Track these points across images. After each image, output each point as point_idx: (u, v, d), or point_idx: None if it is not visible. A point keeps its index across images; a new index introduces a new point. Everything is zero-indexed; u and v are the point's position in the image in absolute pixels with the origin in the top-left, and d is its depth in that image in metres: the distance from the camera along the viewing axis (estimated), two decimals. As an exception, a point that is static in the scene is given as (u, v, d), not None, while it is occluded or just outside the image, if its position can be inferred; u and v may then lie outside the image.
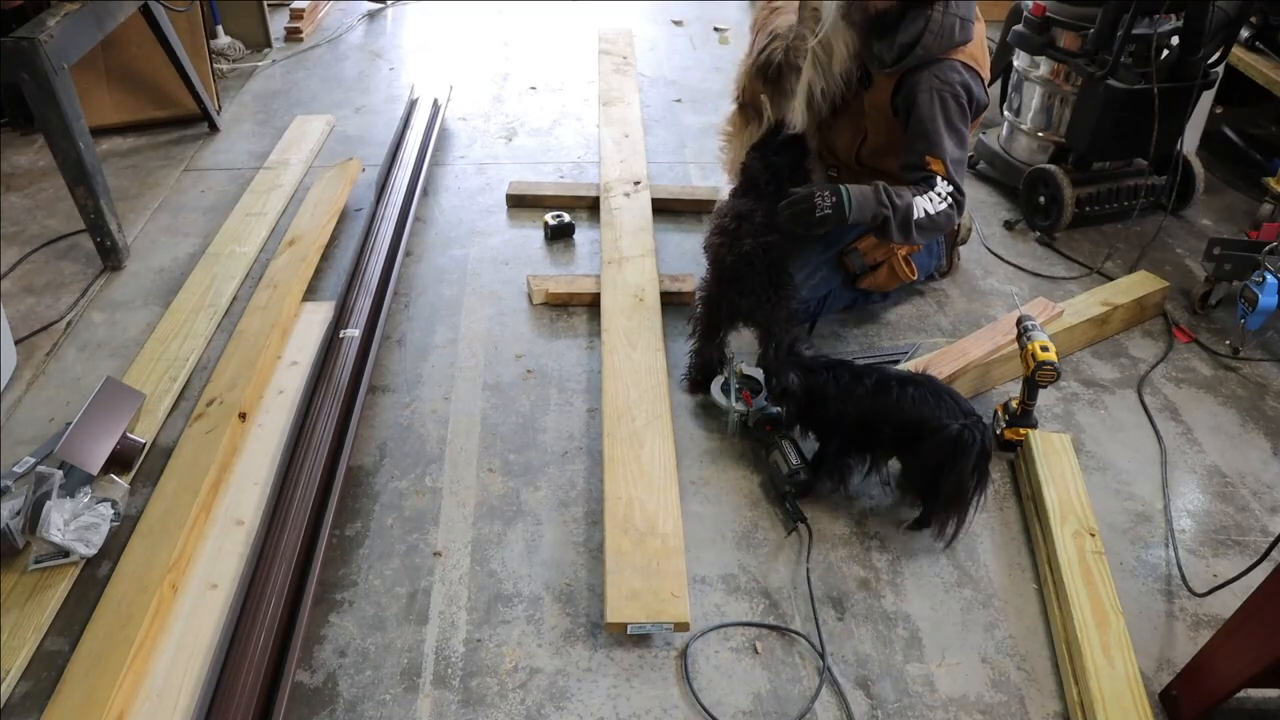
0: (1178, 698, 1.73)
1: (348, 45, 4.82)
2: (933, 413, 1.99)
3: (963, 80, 2.34)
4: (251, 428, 2.30)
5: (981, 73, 2.39)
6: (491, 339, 2.69)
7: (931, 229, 2.35)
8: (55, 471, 1.97)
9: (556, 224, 3.13)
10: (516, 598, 1.95)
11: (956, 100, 2.33)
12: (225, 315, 2.74)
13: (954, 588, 1.99)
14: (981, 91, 2.41)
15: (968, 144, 2.41)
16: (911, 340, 2.70)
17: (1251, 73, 3.46)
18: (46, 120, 2.74)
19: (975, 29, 2.38)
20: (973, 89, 2.37)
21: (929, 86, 2.33)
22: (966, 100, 2.36)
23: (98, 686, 1.66)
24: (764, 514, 2.15)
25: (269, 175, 3.44)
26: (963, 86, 2.34)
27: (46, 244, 3.10)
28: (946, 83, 2.33)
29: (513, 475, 2.25)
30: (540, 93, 4.27)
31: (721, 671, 1.81)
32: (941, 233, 2.48)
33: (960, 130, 2.36)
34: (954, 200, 2.35)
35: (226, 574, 1.93)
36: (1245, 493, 2.24)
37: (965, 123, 2.38)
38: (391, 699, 1.75)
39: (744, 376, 2.40)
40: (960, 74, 2.34)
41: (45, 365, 2.57)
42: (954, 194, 2.35)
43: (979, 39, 2.41)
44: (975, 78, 2.38)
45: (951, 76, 2.33)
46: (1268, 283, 2.54)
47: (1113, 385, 2.56)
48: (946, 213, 2.35)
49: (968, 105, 2.36)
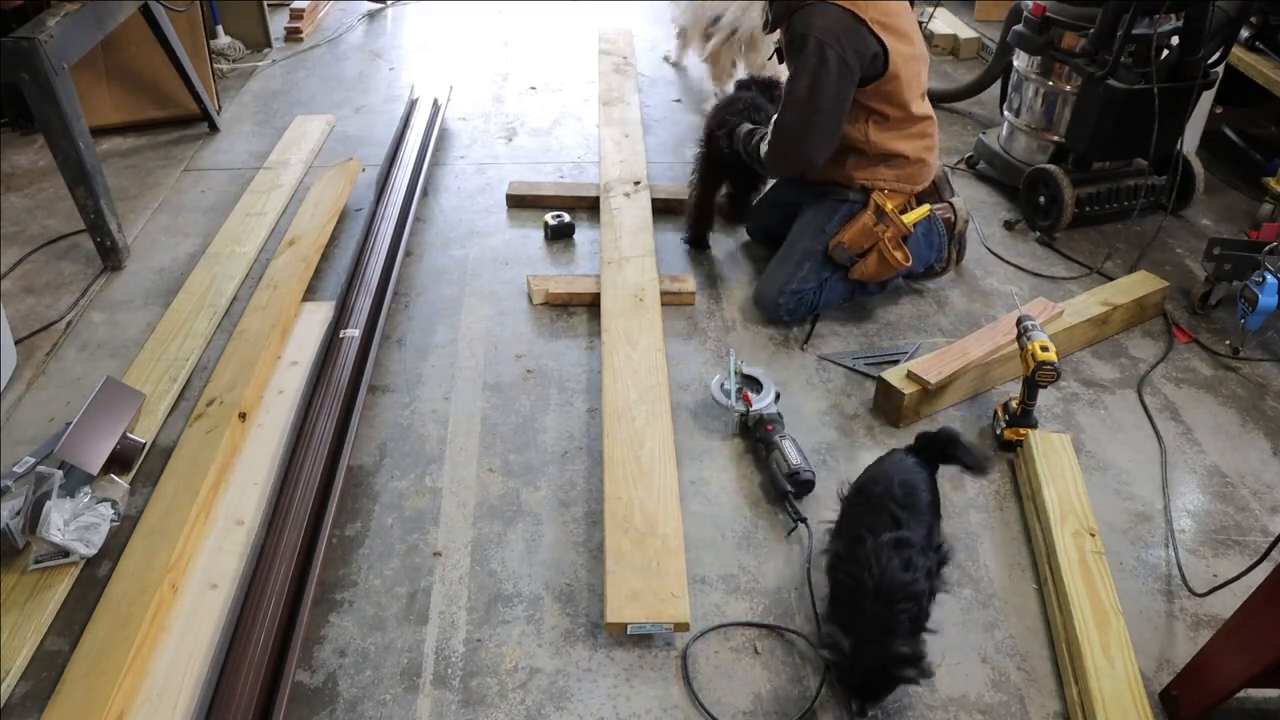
0: (1178, 698, 1.73)
1: (348, 45, 4.82)
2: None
3: (826, 22, 2.38)
4: (251, 428, 2.30)
5: (857, 13, 2.39)
6: (491, 339, 2.69)
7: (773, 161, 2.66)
8: (55, 471, 1.97)
9: (556, 224, 3.13)
10: (516, 598, 1.95)
11: (819, 43, 2.38)
12: (225, 315, 2.74)
13: (954, 588, 1.98)
14: (856, 33, 2.39)
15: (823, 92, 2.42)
16: (911, 340, 2.70)
17: (1251, 73, 3.46)
18: (46, 120, 2.74)
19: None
20: (838, 32, 2.38)
21: (793, 30, 2.45)
22: (833, 44, 2.37)
23: (98, 686, 1.66)
24: (764, 514, 2.15)
25: (269, 175, 3.44)
26: (828, 30, 2.38)
27: (46, 244, 3.10)
28: (809, 26, 2.40)
29: (513, 475, 2.25)
30: (540, 93, 4.27)
31: (721, 671, 1.81)
32: (781, 166, 2.69)
33: (813, 72, 2.41)
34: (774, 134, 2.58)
35: (226, 574, 1.93)
36: (1245, 493, 2.24)
37: (824, 67, 2.39)
38: (391, 699, 1.75)
39: (744, 377, 2.40)
40: (822, 15, 2.39)
41: (45, 365, 2.57)
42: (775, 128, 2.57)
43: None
44: (844, 17, 2.39)
45: (813, 20, 2.40)
46: (1268, 283, 2.54)
47: (1113, 385, 2.56)
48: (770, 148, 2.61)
49: (833, 50, 2.38)
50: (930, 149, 2.68)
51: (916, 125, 2.61)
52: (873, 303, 2.82)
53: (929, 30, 4.74)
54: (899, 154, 2.60)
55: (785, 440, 2.21)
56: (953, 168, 3.60)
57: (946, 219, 2.82)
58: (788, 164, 2.65)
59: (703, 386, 2.49)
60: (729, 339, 2.70)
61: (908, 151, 2.61)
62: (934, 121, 2.68)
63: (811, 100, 2.45)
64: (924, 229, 2.71)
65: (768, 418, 2.28)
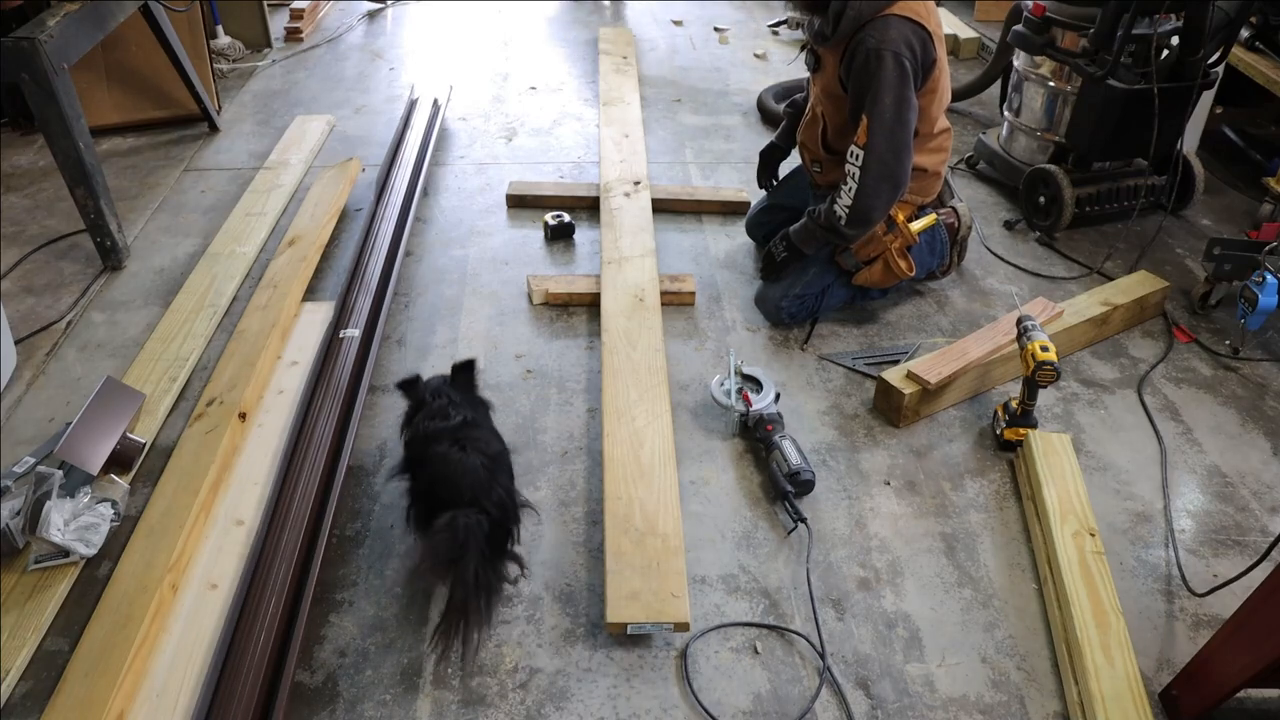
0: (1178, 698, 1.73)
1: (348, 45, 4.82)
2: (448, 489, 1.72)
3: (901, 35, 2.32)
4: (251, 428, 2.30)
5: (924, 24, 2.36)
6: (491, 339, 2.69)
7: (868, 210, 2.44)
8: (55, 471, 1.97)
9: (556, 224, 3.13)
10: (516, 598, 1.95)
11: (896, 57, 2.31)
12: (225, 315, 2.74)
13: (954, 588, 1.99)
14: (925, 45, 2.37)
15: (908, 105, 2.36)
16: (911, 340, 2.70)
17: (1251, 73, 3.46)
18: (46, 120, 2.74)
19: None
20: (913, 43, 2.34)
21: (864, 47, 2.33)
22: (909, 56, 2.33)
23: (98, 686, 1.66)
24: (764, 514, 2.15)
25: (269, 175, 3.44)
26: (903, 43, 2.32)
27: (46, 244, 3.10)
28: (883, 40, 2.31)
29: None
30: (540, 93, 4.27)
31: (721, 671, 1.81)
32: (878, 206, 2.45)
33: (896, 88, 2.33)
34: (866, 169, 2.37)
35: (226, 574, 1.93)
36: (1245, 493, 2.24)
37: (905, 81, 2.34)
38: (391, 699, 1.75)
39: (744, 377, 2.40)
40: (896, 28, 2.32)
41: (45, 365, 2.57)
42: (867, 161, 2.37)
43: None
44: (915, 29, 2.35)
45: (888, 34, 2.32)
46: (1268, 283, 2.54)
47: (1113, 385, 2.56)
48: (863, 189, 2.40)
49: (909, 62, 2.33)
50: (945, 161, 2.67)
51: (937, 139, 2.59)
52: (873, 303, 2.82)
53: (929, 30, 4.74)
54: (919, 168, 2.56)
55: (785, 440, 2.21)
56: (953, 168, 3.60)
57: (950, 224, 2.81)
58: (887, 198, 2.44)
59: (703, 386, 2.49)
60: (729, 339, 2.70)
61: (927, 165, 2.59)
62: (951, 134, 2.65)
63: (900, 115, 2.35)
64: (927, 236, 2.71)
65: (768, 418, 2.28)
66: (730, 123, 4.02)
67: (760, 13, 5.33)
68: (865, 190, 2.41)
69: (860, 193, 2.42)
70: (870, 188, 2.41)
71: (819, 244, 2.61)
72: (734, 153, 3.76)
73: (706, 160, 3.69)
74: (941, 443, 2.36)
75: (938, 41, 2.41)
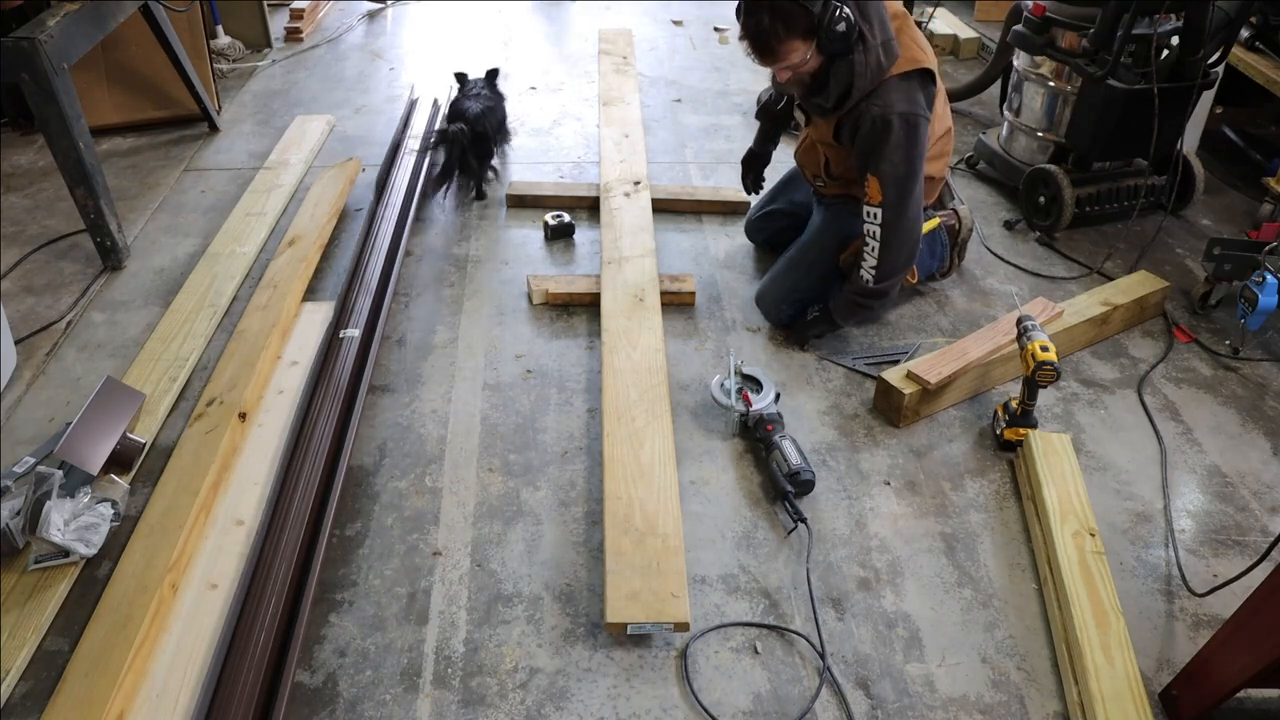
0: (1178, 698, 1.73)
1: (348, 45, 4.82)
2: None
3: (903, 95, 2.29)
4: (251, 428, 2.30)
5: (923, 63, 2.33)
6: (491, 339, 2.70)
7: (894, 268, 2.44)
8: (55, 471, 1.97)
9: (556, 224, 3.13)
10: (516, 598, 1.95)
11: (903, 118, 2.28)
12: (225, 315, 2.74)
13: (954, 588, 1.99)
14: (927, 89, 2.35)
15: (919, 158, 2.34)
16: (911, 340, 2.70)
17: (1251, 73, 3.46)
18: (46, 120, 2.74)
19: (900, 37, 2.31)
20: (916, 97, 2.31)
21: (869, 116, 2.30)
22: (918, 110, 2.30)
23: (98, 686, 1.66)
24: (764, 514, 2.15)
25: (269, 175, 3.44)
26: (906, 102, 2.29)
27: (46, 244, 3.10)
28: (887, 106, 2.28)
29: (513, 475, 2.25)
30: (540, 93, 4.27)
31: (721, 671, 1.81)
32: (904, 265, 2.46)
33: (905, 148, 2.30)
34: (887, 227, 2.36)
35: (226, 574, 1.93)
36: (1245, 493, 2.24)
37: (913, 138, 2.30)
38: (391, 699, 1.75)
39: (744, 376, 2.40)
40: (897, 90, 2.29)
41: (45, 365, 2.57)
42: (888, 223, 2.36)
43: (907, 34, 2.34)
44: (916, 81, 2.32)
45: (890, 97, 2.29)
46: (1268, 283, 2.54)
47: (1113, 385, 2.56)
48: (886, 251, 2.40)
49: (917, 117, 2.30)
50: (947, 164, 2.67)
51: (938, 144, 2.57)
52: (873, 303, 2.82)
53: (929, 30, 4.74)
54: (927, 176, 2.54)
55: (785, 440, 2.21)
56: (953, 168, 3.60)
57: (950, 226, 2.81)
58: (910, 252, 2.46)
59: (703, 386, 2.49)
60: (729, 339, 2.70)
61: (932, 172, 2.58)
62: (952, 134, 2.64)
63: (911, 171, 2.34)
64: (927, 239, 2.71)
65: (768, 418, 2.28)
66: (730, 123, 4.02)
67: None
68: (889, 250, 2.42)
69: (884, 254, 2.42)
70: (894, 248, 2.41)
71: (857, 313, 2.59)
72: (734, 153, 3.75)
73: (706, 160, 3.69)
74: (941, 443, 2.36)
75: (936, 70, 2.39)
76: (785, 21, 2.18)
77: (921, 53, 2.35)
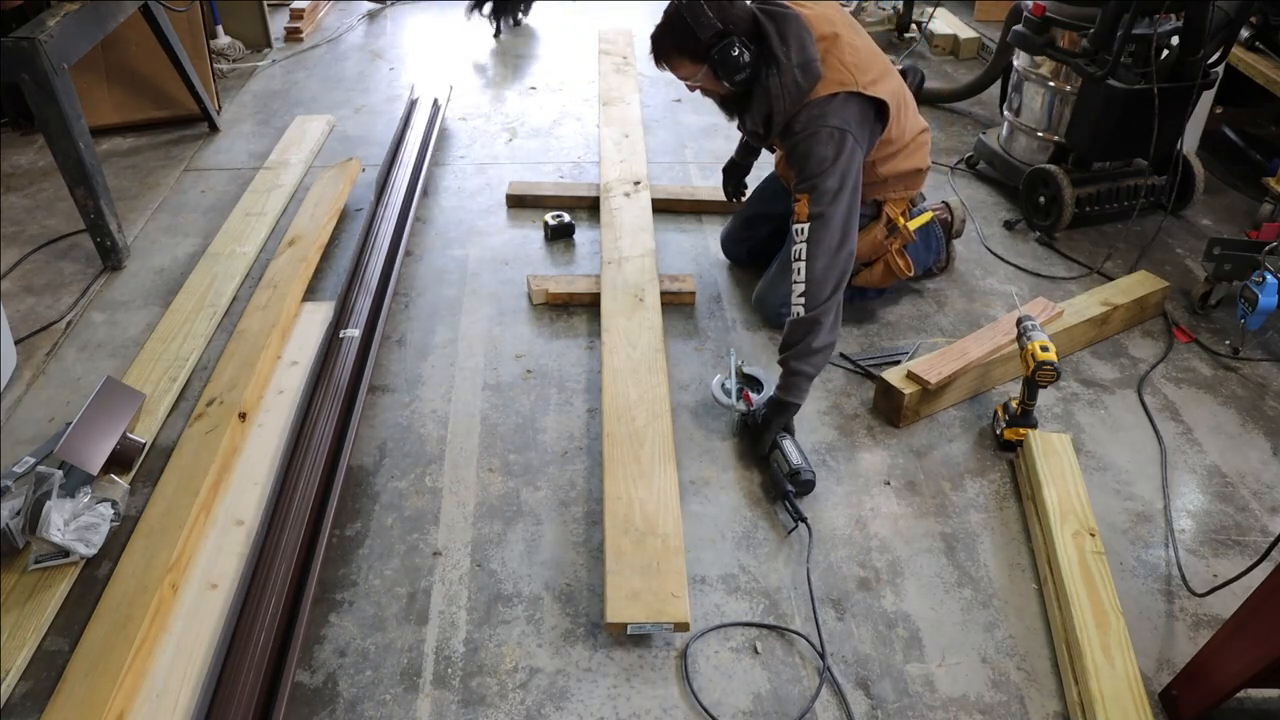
0: (1178, 698, 1.73)
1: (348, 45, 4.82)
2: None
3: (828, 111, 2.24)
4: (251, 428, 2.30)
5: (848, 86, 2.25)
6: (491, 339, 2.69)
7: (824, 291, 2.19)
8: (55, 471, 1.97)
9: (556, 224, 3.13)
10: (516, 598, 1.95)
11: (830, 132, 2.22)
12: (225, 315, 2.74)
13: (954, 588, 1.99)
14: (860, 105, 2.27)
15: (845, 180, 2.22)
16: (911, 340, 2.70)
17: (1251, 73, 3.46)
18: (46, 120, 2.74)
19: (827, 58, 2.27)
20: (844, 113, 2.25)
21: (795, 137, 2.27)
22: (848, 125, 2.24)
23: (98, 686, 1.66)
24: (764, 514, 2.15)
25: (269, 175, 3.44)
26: (833, 117, 2.23)
27: (46, 244, 3.10)
28: (809, 124, 2.24)
29: (513, 475, 2.25)
30: (540, 93, 4.27)
31: (721, 671, 1.81)
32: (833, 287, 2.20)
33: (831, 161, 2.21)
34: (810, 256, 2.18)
35: (226, 574, 1.93)
36: (1245, 493, 2.24)
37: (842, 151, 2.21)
38: (391, 699, 1.75)
39: (744, 376, 2.40)
40: (819, 108, 2.25)
41: (45, 365, 2.57)
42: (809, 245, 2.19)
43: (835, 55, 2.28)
44: (844, 101, 2.26)
45: (812, 115, 2.25)
46: (1268, 283, 2.54)
47: (1113, 385, 2.56)
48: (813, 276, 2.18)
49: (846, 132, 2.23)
50: (928, 154, 2.65)
51: (916, 139, 2.57)
52: (872, 303, 2.82)
53: (929, 30, 4.74)
54: (908, 170, 2.57)
55: (786, 440, 2.21)
56: (953, 168, 3.60)
57: (944, 220, 2.82)
58: (843, 271, 2.22)
59: (703, 386, 2.49)
60: (729, 339, 2.70)
61: (918, 164, 2.59)
62: (929, 132, 2.62)
63: (841, 189, 2.22)
64: (922, 234, 2.72)
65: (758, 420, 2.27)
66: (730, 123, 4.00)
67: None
68: (813, 270, 2.20)
69: (810, 273, 2.20)
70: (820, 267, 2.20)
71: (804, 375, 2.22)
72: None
73: (706, 160, 3.69)
74: (941, 443, 2.36)
75: (875, 84, 2.29)
76: (675, 38, 2.26)
77: (849, 74, 2.27)
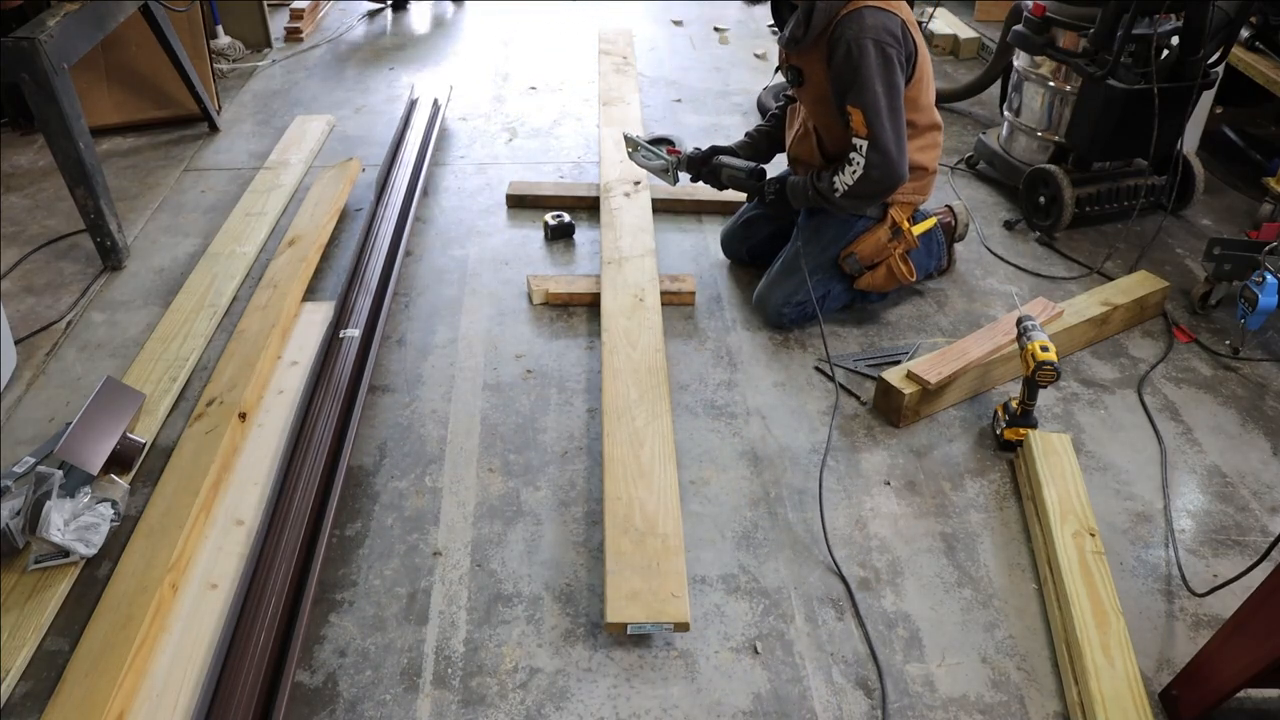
0: (1178, 698, 1.73)
1: (348, 45, 4.82)
2: None
3: (877, 23, 2.32)
4: (251, 428, 2.30)
5: (895, 11, 2.35)
6: (491, 339, 2.70)
7: (863, 195, 2.48)
8: (55, 471, 1.97)
9: (556, 224, 3.13)
10: (516, 598, 1.95)
11: (877, 44, 2.31)
12: (225, 315, 2.74)
13: (954, 588, 1.99)
14: (904, 31, 2.36)
15: (897, 90, 2.36)
16: (911, 340, 2.70)
17: (1251, 73, 3.46)
18: (46, 120, 2.74)
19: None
20: (893, 29, 2.33)
21: (843, 39, 2.33)
22: (891, 43, 2.32)
23: (98, 686, 1.66)
24: (764, 514, 2.15)
25: (269, 175, 3.44)
26: (882, 29, 2.31)
27: (46, 244, 3.10)
28: (861, 30, 2.31)
29: (513, 475, 2.25)
30: (540, 93, 4.27)
31: (721, 671, 1.81)
32: (877, 196, 2.50)
33: (883, 74, 2.33)
34: (871, 160, 2.39)
35: (226, 574, 1.93)
36: (1245, 493, 2.24)
37: (889, 67, 2.33)
38: (391, 699, 1.75)
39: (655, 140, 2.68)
40: (870, 17, 2.32)
41: (45, 365, 2.57)
42: (871, 152, 2.39)
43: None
44: (889, 17, 2.34)
45: (864, 23, 2.31)
46: (1268, 283, 2.54)
47: (1113, 385, 2.56)
48: (867, 176, 2.42)
49: (892, 49, 2.33)
50: (938, 158, 2.65)
51: (929, 135, 2.57)
52: (872, 304, 2.82)
53: (929, 30, 4.74)
54: (919, 166, 2.56)
55: (723, 157, 2.65)
56: (953, 168, 3.60)
57: (948, 224, 2.82)
58: (887, 186, 2.46)
59: (703, 386, 2.50)
60: (729, 339, 2.70)
61: (925, 163, 2.58)
62: (941, 129, 2.64)
63: (893, 104, 2.35)
64: (924, 239, 2.71)
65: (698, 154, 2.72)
66: (730, 123, 4.02)
67: (760, 12, 5.33)
68: (869, 177, 2.43)
69: (863, 179, 2.43)
70: (874, 176, 2.42)
71: (808, 204, 2.63)
72: (734, 153, 3.76)
73: (706, 160, 3.69)
74: (941, 443, 2.36)
75: (913, 28, 2.42)
76: None
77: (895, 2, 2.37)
